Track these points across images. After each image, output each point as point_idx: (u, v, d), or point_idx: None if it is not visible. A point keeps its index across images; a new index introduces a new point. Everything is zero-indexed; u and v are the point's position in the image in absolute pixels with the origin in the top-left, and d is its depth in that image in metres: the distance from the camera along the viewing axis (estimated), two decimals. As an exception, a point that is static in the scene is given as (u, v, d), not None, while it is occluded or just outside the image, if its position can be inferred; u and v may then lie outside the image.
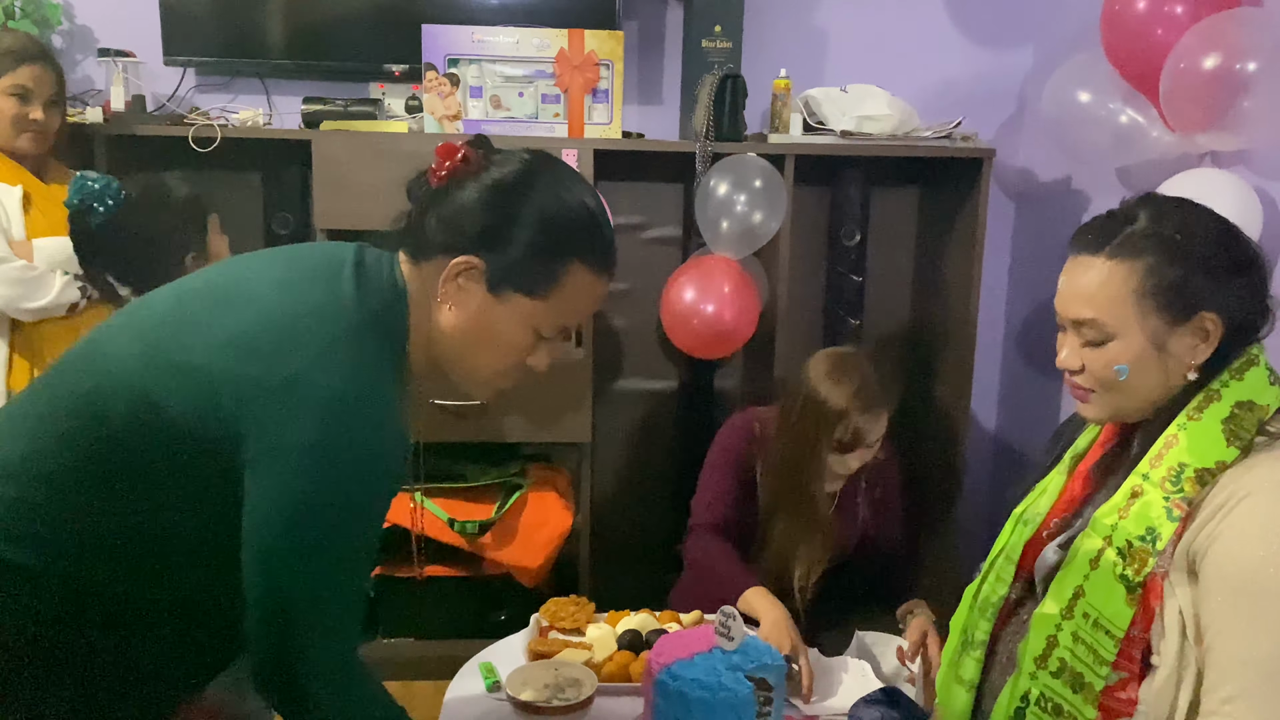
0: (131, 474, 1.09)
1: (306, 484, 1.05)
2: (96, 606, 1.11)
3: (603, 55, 2.57)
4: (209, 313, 1.14)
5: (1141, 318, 1.21)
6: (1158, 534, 1.18)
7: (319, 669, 1.09)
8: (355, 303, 1.14)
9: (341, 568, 1.09)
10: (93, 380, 1.12)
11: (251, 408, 1.06)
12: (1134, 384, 1.24)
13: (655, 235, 3.00)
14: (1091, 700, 1.21)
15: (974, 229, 2.72)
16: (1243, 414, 1.19)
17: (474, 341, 1.20)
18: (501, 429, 2.63)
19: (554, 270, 1.18)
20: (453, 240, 1.17)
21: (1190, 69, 2.01)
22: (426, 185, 1.21)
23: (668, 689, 1.44)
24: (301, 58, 2.78)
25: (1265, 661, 1.09)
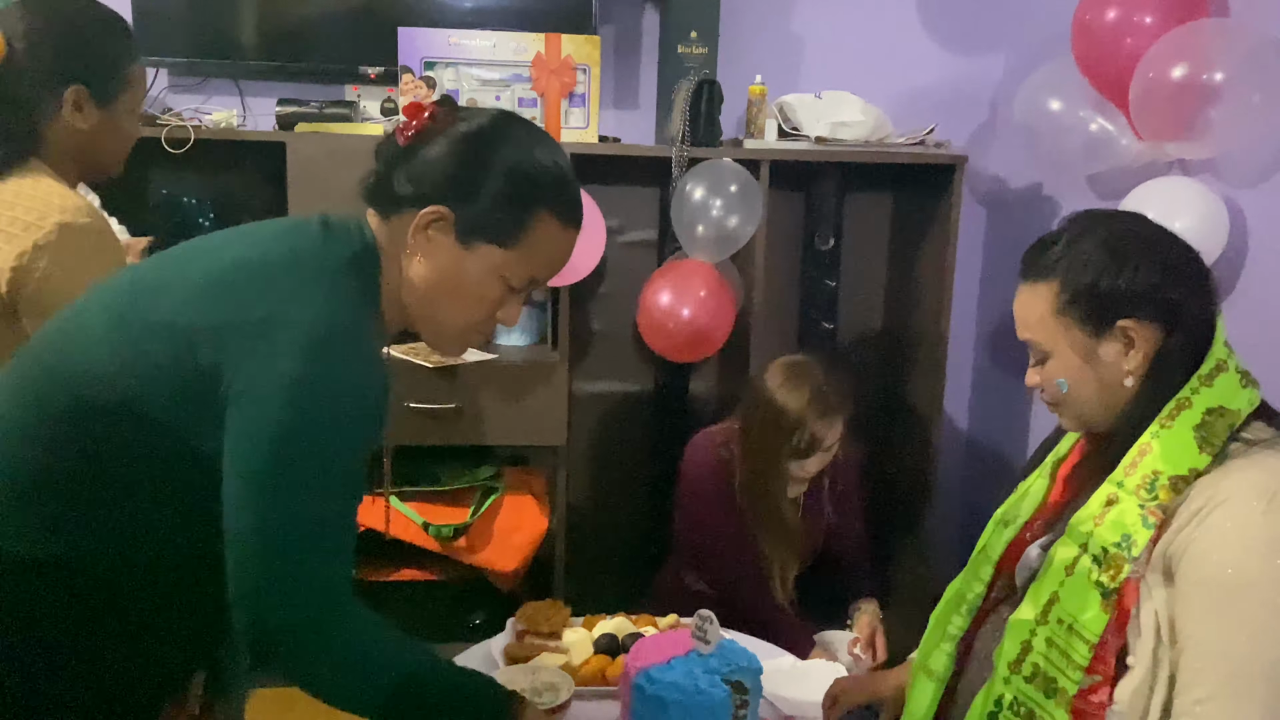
0: (113, 450, 1.09)
1: (290, 417, 1.05)
2: (88, 595, 1.10)
3: (579, 59, 2.58)
4: (172, 273, 1.15)
5: (1066, 333, 1.28)
6: (1133, 540, 1.20)
7: (315, 604, 1.07)
8: (325, 250, 1.16)
9: (329, 498, 1.08)
10: (67, 358, 1.12)
11: (229, 350, 1.06)
12: (1075, 396, 1.30)
13: (631, 239, 3.01)
14: (1064, 705, 1.22)
15: (946, 235, 2.75)
16: (1214, 420, 1.21)
17: (444, 293, 1.21)
18: (476, 432, 2.63)
19: (522, 220, 1.19)
20: (421, 192, 1.18)
21: (1159, 78, 2.05)
22: (394, 144, 1.22)
23: (645, 693, 1.44)
24: (276, 59, 2.77)
25: (1238, 663, 1.11)
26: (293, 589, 1.07)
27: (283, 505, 1.06)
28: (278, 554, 1.06)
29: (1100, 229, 1.30)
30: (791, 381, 2.07)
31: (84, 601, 1.11)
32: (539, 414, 2.66)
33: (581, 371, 3.03)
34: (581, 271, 2.55)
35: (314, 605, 1.08)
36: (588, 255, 2.55)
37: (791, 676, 1.76)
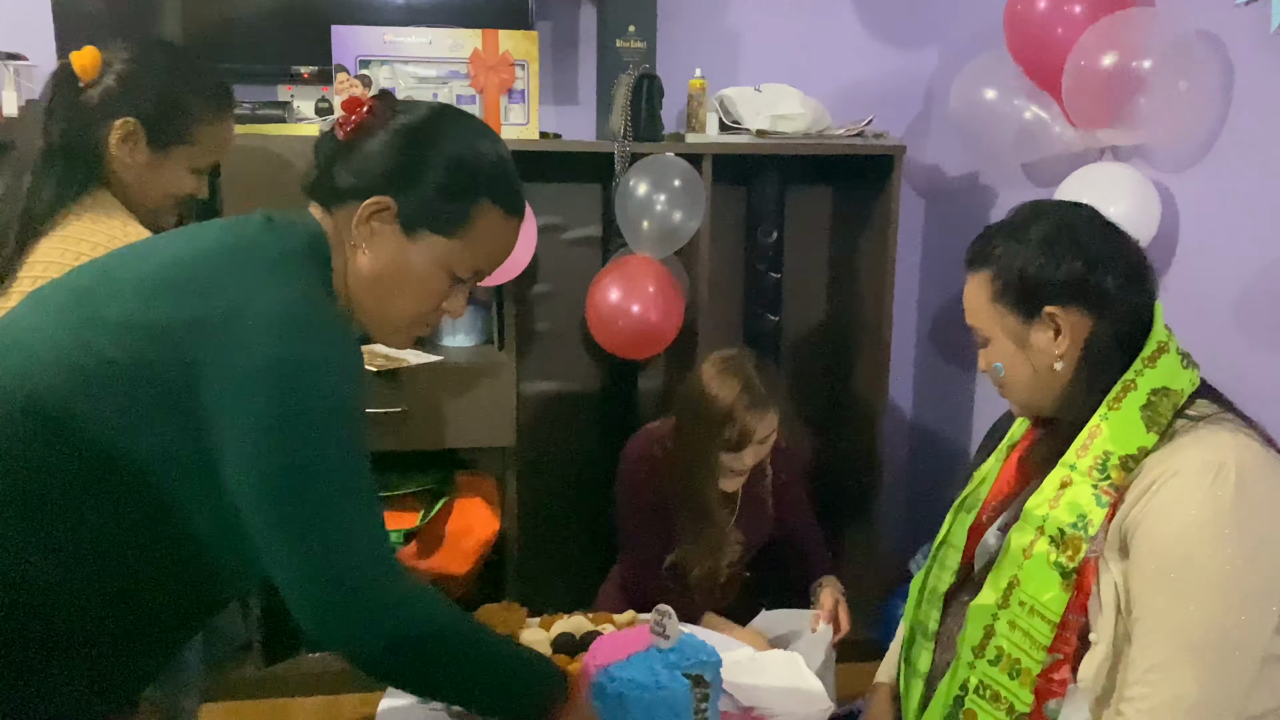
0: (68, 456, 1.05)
1: (278, 401, 1.03)
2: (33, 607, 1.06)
3: (517, 55, 2.55)
4: (122, 270, 1.12)
5: (1000, 320, 1.33)
6: (1089, 520, 1.22)
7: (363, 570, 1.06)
8: (275, 241, 1.14)
9: (344, 470, 1.06)
10: (15, 363, 1.08)
11: (198, 348, 1.04)
12: (1011, 380, 1.35)
13: (575, 236, 2.99)
14: (1029, 684, 1.24)
15: (886, 225, 2.78)
16: (1158, 400, 1.24)
17: (389, 285, 1.20)
18: (424, 435, 2.59)
19: (465, 209, 1.19)
20: (364, 184, 1.18)
21: (1089, 67, 2.09)
22: (333, 140, 1.21)
23: (605, 690, 1.43)
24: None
25: (1187, 632, 1.14)
26: (336, 561, 1.04)
27: (302, 484, 1.04)
28: (313, 530, 1.04)
29: (1042, 220, 1.33)
30: (723, 374, 2.09)
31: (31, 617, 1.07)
32: (487, 415, 2.63)
33: (529, 372, 3.01)
34: (518, 265, 2.53)
35: (360, 570, 1.06)
36: (522, 250, 2.53)
37: (749, 668, 1.76)
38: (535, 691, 1.22)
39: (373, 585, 1.06)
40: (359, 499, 1.08)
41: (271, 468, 1.03)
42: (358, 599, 1.06)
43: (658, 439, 2.23)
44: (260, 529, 1.05)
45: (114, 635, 1.12)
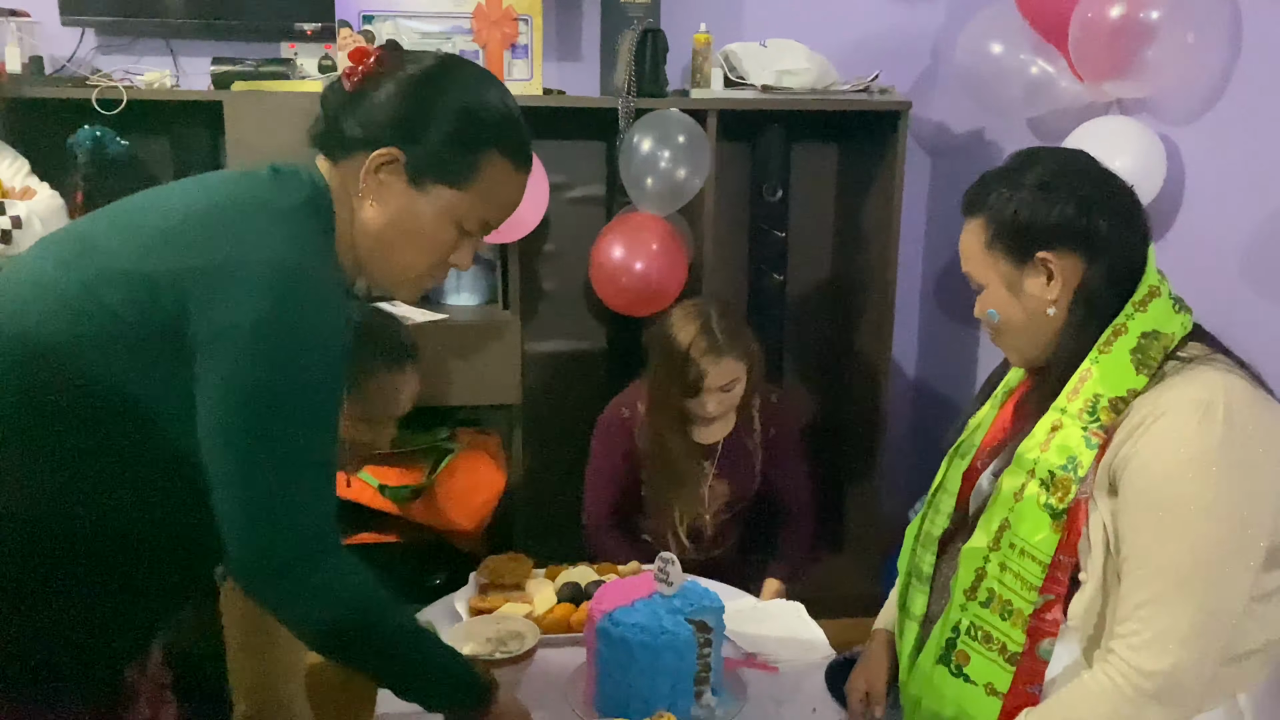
0: (71, 403, 1.07)
1: (259, 358, 1.04)
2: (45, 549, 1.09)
3: (520, 10, 2.54)
4: (126, 220, 1.13)
5: (994, 265, 1.33)
6: (1078, 462, 1.23)
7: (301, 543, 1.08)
8: (279, 194, 1.15)
9: (305, 435, 1.08)
10: (14, 312, 1.09)
11: (193, 296, 1.05)
12: (1005, 325, 1.35)
13: (579, 194, 2.99)
14: (1020, 625, 1.26)
15: (891, 182, 2.77)
16: (1149, 343, 1.25)
17: (397, 237, 1.20)
18: (431, 394, 2.60)
19: (473, 160, 1.19)
20: (371, 135, 1.17)
21: (1097, 19, 2.07)
22: (340, 91, 1.21)
23: (610, 635, 1.46)
24: (207, 17, 2.69)
25: (1176, 568, 1.16)
26: (277, 528, 1.07)
27: (261, 446, 1.06)
28: (261, 494, 1.06)
29: (1036, 166, 1.33)
30: (684, 319, 2.12)
31: (42, 559, 1.09)
32: (493, 374, 2.64)
33: (534, 330, 3.02)
34: (528, 225, 2.53)
35: (298, 542, 1.08)
36: (533, 209, 2.53)
37: (753, 616, 1.79)
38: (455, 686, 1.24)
39: (303, 559, 1.09)
40: (312, 473, 1.10)
41: (235, 424, 1.05)
42: (287, 567, 1.08)
43: (627, 403, 2.26)
44: (214, 474, 1.07)
45: (121, 577, 1.14)
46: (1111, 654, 1.19)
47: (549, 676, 1.58)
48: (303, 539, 1.09)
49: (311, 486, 1.09)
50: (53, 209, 2.28)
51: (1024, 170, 1.33)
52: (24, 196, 2.27)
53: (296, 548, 1.08)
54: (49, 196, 2.30)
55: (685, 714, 1.47)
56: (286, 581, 1.09)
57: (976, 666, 1.30)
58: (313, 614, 1.11)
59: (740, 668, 1.63)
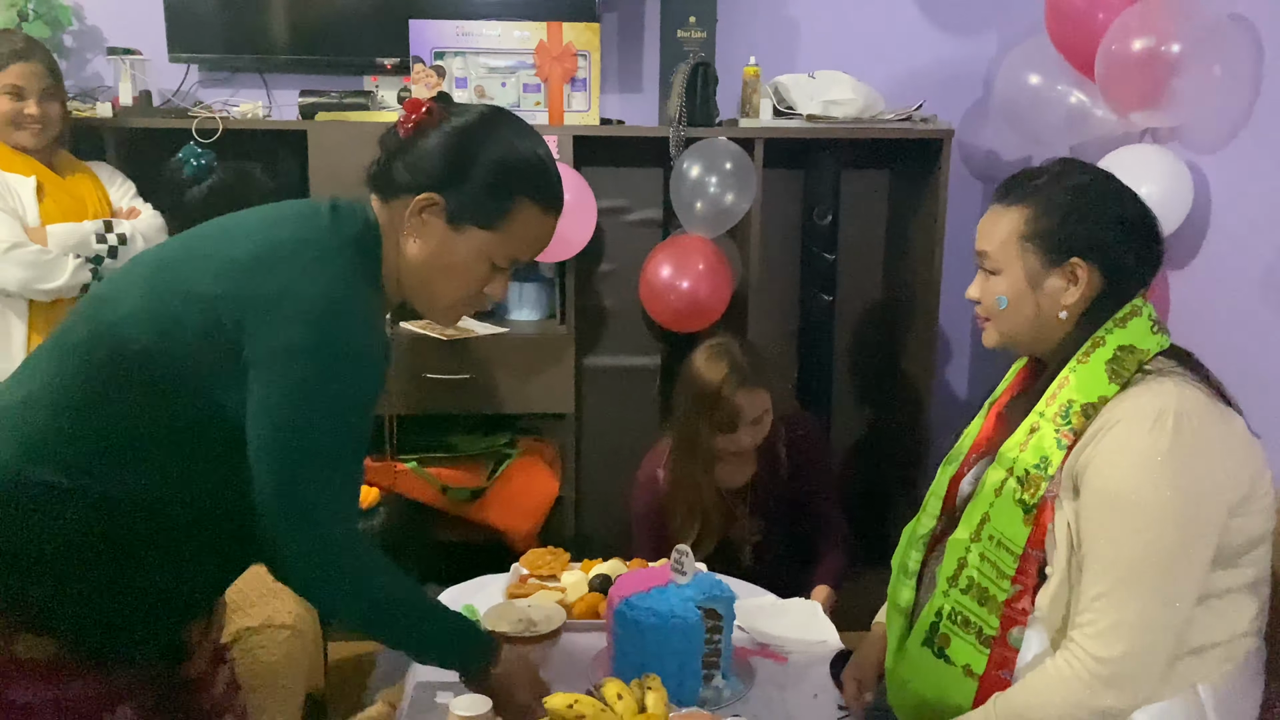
0: (147, 396, 1.24)
1: (302, 378, 1.21)
2: (122, 521, 1.25)
3: (580, 46, 2.72)
4: (201, 249, 1.32)
5: (1022, 256, 1.40)
6: (1049, 461, 1.33)
7: (329, 544, 1.25)
8: (333, 231, 1.31)
9: (337, 443, 1.25)
10: (105, 319, 1.27)
11: (248, 320, 1.22)
12: (1011, 314, 1.42)
13: (636, 218, 3.14)
14: (995, 611, 1.36)
15: (936, 207, 2.86)
16: (1124, 356, 1.34)
17: (436, 271, 1.36)
18: (488, 401, 2.79)
19: (505, 206, 1.34)
20: (417, 180, 1.33)
21: (1121, 52, 2.15)
22: (395, 136, 1.37)
23: (625, 618, 1.60)
24: (298, 53, 2.94)
25: (1128, 563, 1.26)
26: (306, 516, 1.24)
27: (296, 450, 1.23)
28: (293, 491, 1.23)
29: (1080, 174, 1.43)
30: (710, 359, 2.21)
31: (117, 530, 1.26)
32: (548, 384, 2.81)
33: (589, 345, 3.18)
34: (576, 245, 2.70)
35: (323, 528, 1.25)
36: (581, 230, 2.70)
37: (770, 613, 1.90)
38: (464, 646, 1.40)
39: (330, 545, 1.26)
40: (344, 475, 1.28)
41: (278, 429, 1.22)
42: (316, 552, 1.25)
43: (661, 462, 2.34)
44: (257, 473, 1.24)
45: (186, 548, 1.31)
46: (1071, 642, 1.29)
47: (575, 657, 1.72)
48: (330, 528, 1.25)
49: (340, 486, 1.27)
50: (155, 227, 2.53)
51: (1069, 176, 1.41)
52: (130, 216, 2.53)
53: (325, 535, 1.25)
54: (151, 215, 2.56)
55: (694, 693, 1.59)
56: (316, 566, 1.26)
57: (956, 649, 1.40)
58: (339, 595, 1.29)
59: (752, 656, 1.74)
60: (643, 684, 1.38)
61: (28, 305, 2.37)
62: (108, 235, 2.41)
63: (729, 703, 1.60)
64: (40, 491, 1.22)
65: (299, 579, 1.30)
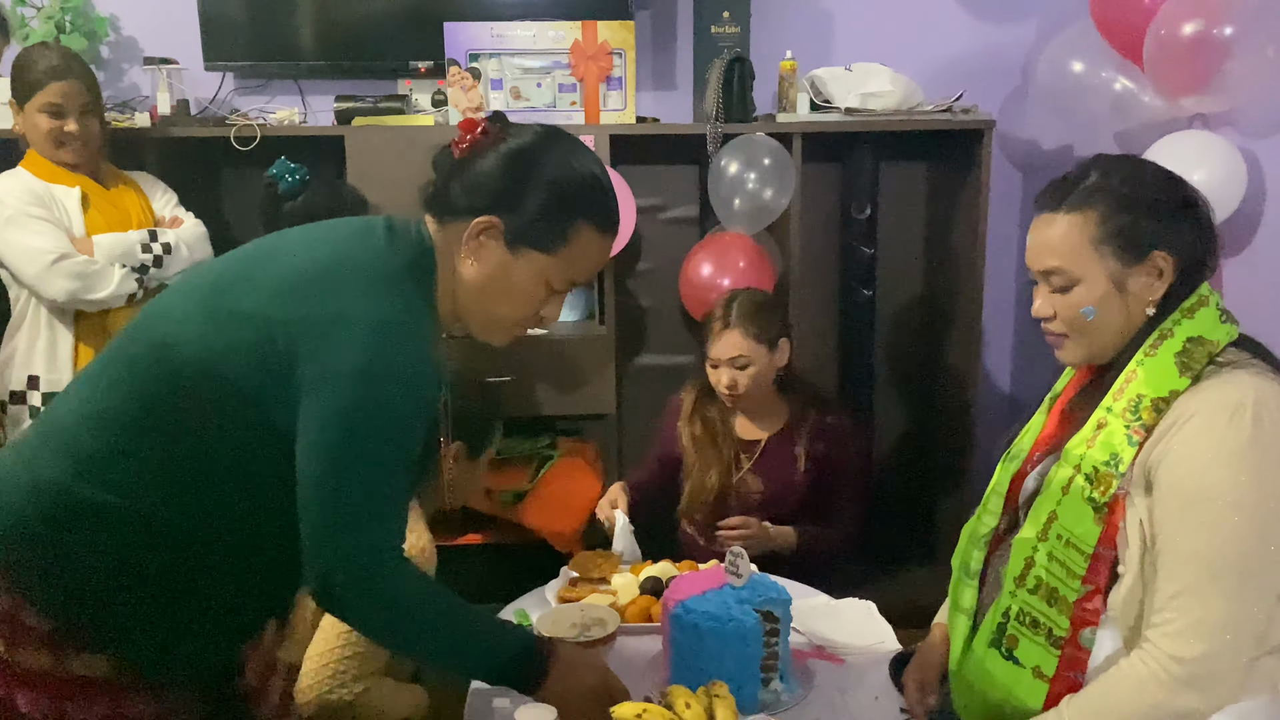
0: (202, 416, 1.24)
1: (354, 400, 1.20)
2: (174, 542, 1.25)
3: (615, 44, 2.70)
4: (257, 269, 1.30)
5: (1101, 261, 1.34)
6: (1120, 458, 1.30)
7: (372, 551, 1.22)
8: (389, 253, 1.30)
9: (385, 468, 1.23)
10: (160, 337, 1.27)
11: (303, 342, 1.21)
12: (1101, 323, 1.36)
13: (673, 216, 3.13)
14: (1065, 611, 1.33)
15: (977, 197, 2.82)
16: (1194, 348, 1.31)
17: (493, 293, 1.35)
18: (530, 402, 2.78)
19: (564, 229, 1.32)
20: (474, 203, 1.32)
21: (1171, 35, 2.11)
22: (450, 156, 1.36)
23: (682, 621, 1.58)
24: (333, 58, 2.95)
25: (1206, 560, 1.22)
26: (351, 542, 1.22)
27: (345, 473, 1.21)
28: (340, 514, 1.21)
29: (1130, 165, 1.39)
30: (722, 297, 2.37)
31: (168, 550, 1.25)
32: (589, 385, 2.80)
33: (629, 345, 3.16)
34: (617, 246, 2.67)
35: (367, 556, 1.23)
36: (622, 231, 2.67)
37: (824, 612, 1.88)
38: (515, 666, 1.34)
39: (372, 566, 1.22)
40: (391, 499, 1.25)
41: (327, 450, 1.20)
42: (359, 574, 1.22)
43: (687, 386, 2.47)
44: (303, 493, 1.21)
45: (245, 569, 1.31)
46: (1147, 642, 1.26)
47: (630, 661, 1.70)
48: (373, 548, 1.22)
49: (384, 507, 1.24)
50: (197, 236, 2.54)
51: (1118, 171, 1.36)
52: (173, 225, 2.53)
53: (367, 555, 1.22)
54: (194, 224, 2.56)
55: (753, 698, 1.57)
56: (357, 588, 1.22)
57: (1025, 650, 1.37)
58: (383, 619, 1.26)
59: (809, 659, 1.72)
60: (709, 691, 1.36)
61: (75, 316, 2.38)
62: (153, 245, 2.42)
63: (788, 706, 1.58)
64: (91, 510, 1.22)
65: (341, 604, 1.26)
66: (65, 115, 2.35)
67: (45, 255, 2.28)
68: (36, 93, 2.33)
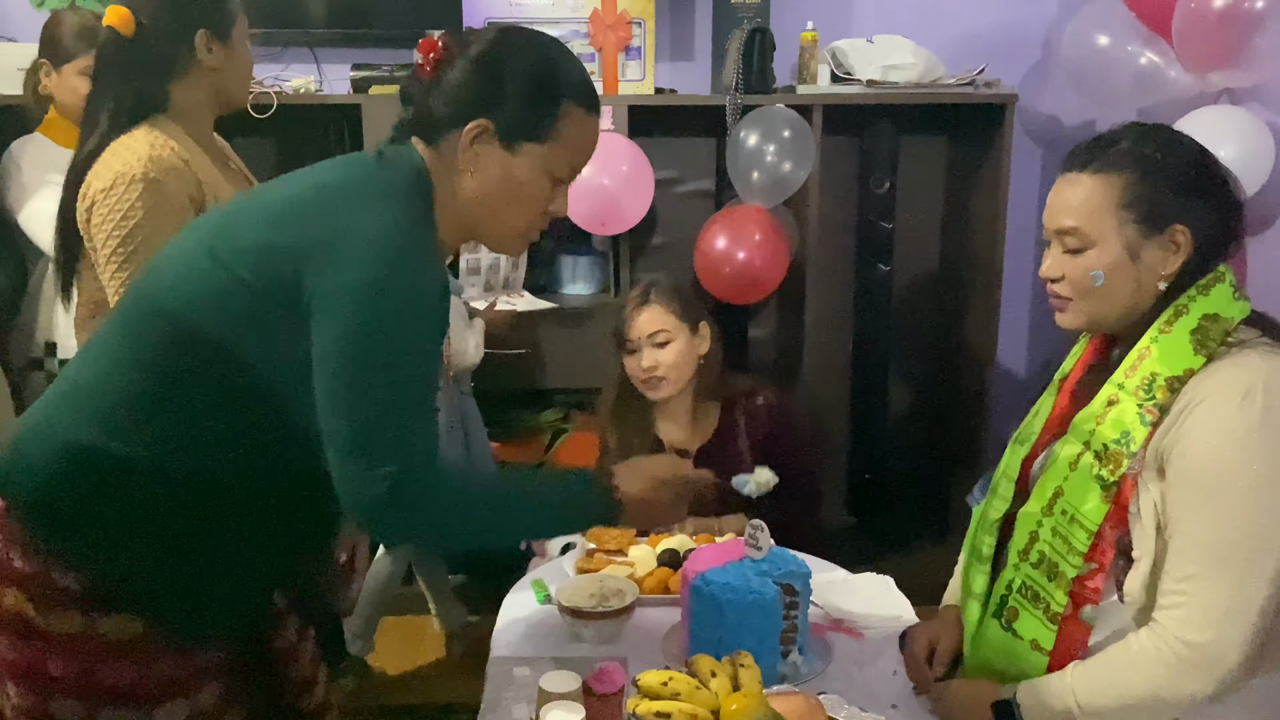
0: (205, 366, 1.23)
1: (366, 314, 1.18)
2: (196, 492, 1.24)
3: (635, 13, 2.68)
4: (252, 207, 1.30)
5: (1119, 227, 1.31)
6: (1131, 437, 1.28)
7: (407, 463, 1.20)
8: (382, 173, 1.29)
9: (407, 377, 1.21)
10: (168, 285, 1.26)
11: (309, 263, 1.20)
12: (1109, 290, 1.33)
13: (689, 189, 3.10)
14: (1063, 587, 1.32)
15: (999, 173, 2.80)
16: (1209, 325, 1.28)
17: (501, 199, 1.33)
18: (545, 376, 2.78)
19: (553, 113, 1.31)
20: (458, 112, 1.29)
21: (1201, 8, 2.08)
22: (419, 81, 1.34)
23: (702, 593, 1.58)
24: (348, 27, 2.92)
25: (1218, 545, 1.21)
26: (386, 452, 1.19)
27: (368, 385, 1.19)
28: (369, 426, 1.19)
29: (1165, 134, 1.35)
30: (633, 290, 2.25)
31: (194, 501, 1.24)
32: (603, 358, 2.78)
33: (645, 318, 3.15)
34: (634, 218, 2.66)
35: (407, 462, 1.20)
36: (638, 202, 2.66)
37: (842, 587, 1.88)
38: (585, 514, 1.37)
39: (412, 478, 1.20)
40: (418, 408, 1.23)
41: (346, 368, 1.19)
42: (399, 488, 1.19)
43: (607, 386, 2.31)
44: (327, 418, 1.20)
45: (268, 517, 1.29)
46: (1156, 623, 1.24)
47: (648, 632, 1.70)
48: (409, 459, 1.20)
49: (411, 417, 1.22)
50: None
51: (1152, 139, 1.33)
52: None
53: (404, 467, 1.19)
54: None
55: (772, 670, 1.57)
56: (401, 505, 1.20)
57: (1024, 622, 1.36)
58: (438, 528, 1.26)
59: (827, 632, 1.72)
60: (735, 661, 1.36)
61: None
62: (167, 212, 2.41)
63: (807, 679, 1.57)
64: (121, 467, 1.22)
65: (390, 526, 1.24)
66: None
67: (62, 222, 2.27)
68: (78, 56, 2.32)
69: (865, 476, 3.24)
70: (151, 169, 1.71)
